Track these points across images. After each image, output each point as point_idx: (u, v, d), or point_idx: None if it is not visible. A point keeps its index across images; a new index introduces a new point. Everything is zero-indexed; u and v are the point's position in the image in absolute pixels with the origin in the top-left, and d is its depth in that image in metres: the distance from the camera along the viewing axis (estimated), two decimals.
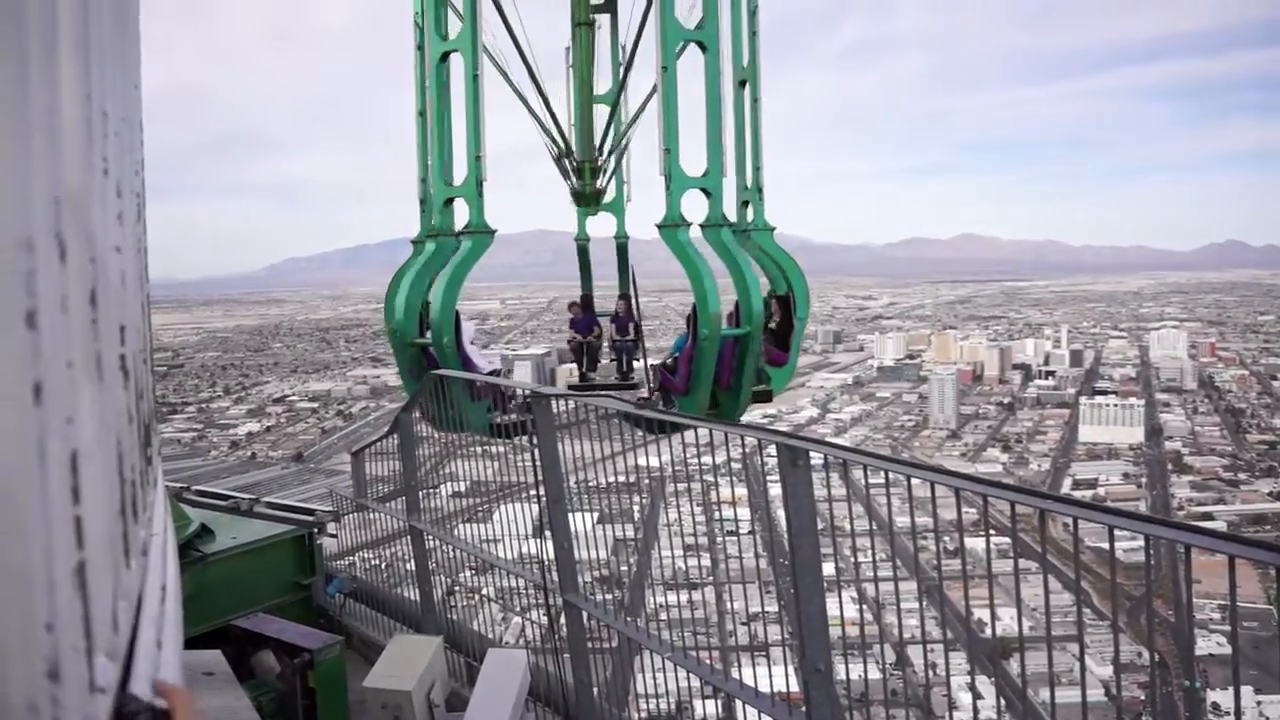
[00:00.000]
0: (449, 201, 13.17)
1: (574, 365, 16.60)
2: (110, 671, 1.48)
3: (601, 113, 15.62)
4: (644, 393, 14.25)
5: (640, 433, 7.80)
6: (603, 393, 14.00)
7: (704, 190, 12.81)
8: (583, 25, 15.09)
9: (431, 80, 13.31)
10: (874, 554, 52.48)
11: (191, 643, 6.51)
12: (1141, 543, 3.39)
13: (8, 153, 1.06)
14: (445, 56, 13.22)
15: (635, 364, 15.93)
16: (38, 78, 1.16)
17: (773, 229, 14.59)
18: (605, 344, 16.16)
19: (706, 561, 53.51)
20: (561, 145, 15.35)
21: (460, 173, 13.06)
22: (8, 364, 1.05)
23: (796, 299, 14.56)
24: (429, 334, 12.96)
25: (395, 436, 9.89)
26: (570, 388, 15.43)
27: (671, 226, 12.60)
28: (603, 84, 15.89)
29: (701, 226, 12.91)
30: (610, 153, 15.65)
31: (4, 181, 1.06)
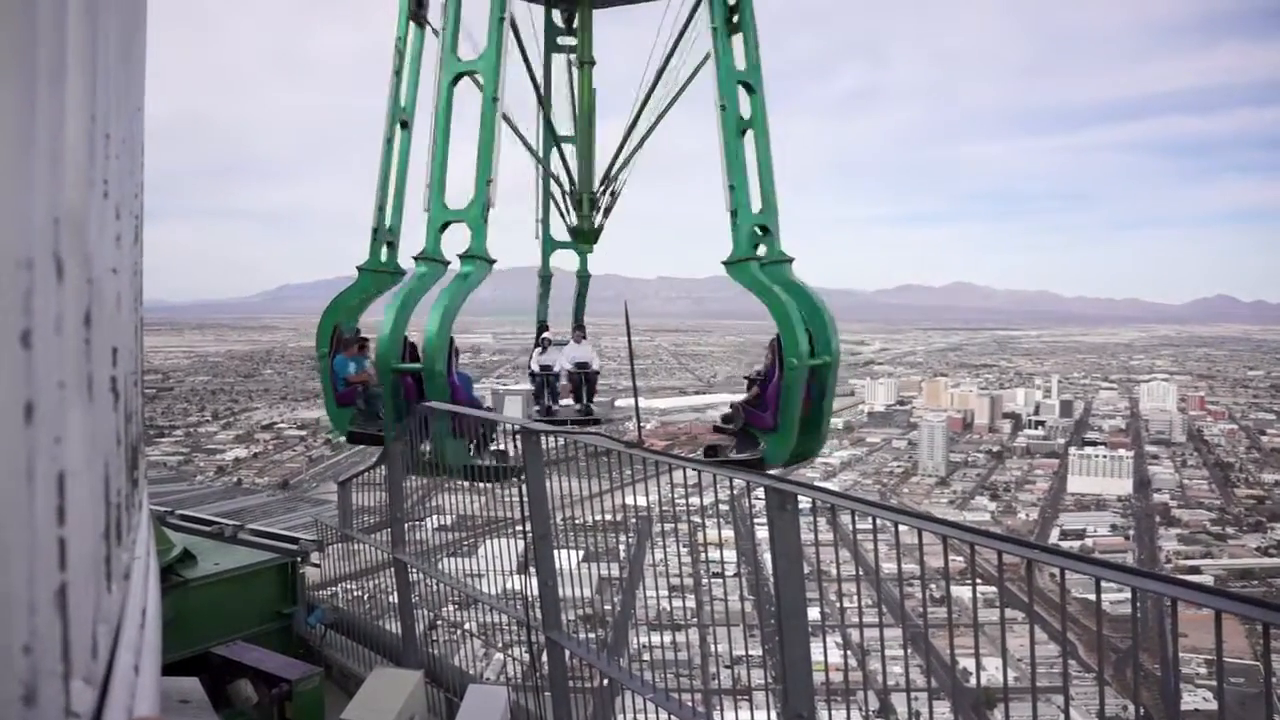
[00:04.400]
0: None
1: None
2: (87, 697, 1.46)
3: (603, 152, 15.81)
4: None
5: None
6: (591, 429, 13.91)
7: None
8: (585, 65, 15.28)
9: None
10: (860, 600, 52.11)
11: (169, 669, 6.43)
12: (1128, 595, 3.38)
13: (11, 172, 1.06)
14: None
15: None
16: (44, 100, 1.17)
17: (791, 260, 14.49)
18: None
19: (691, 603, 53.14)
20: (564, 182, 15.50)
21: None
22: (0, 383, 1.05)
23: (787, 344, 14.38)
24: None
25: (383, 467, 9.85)
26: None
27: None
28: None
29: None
30: (608, 189, 15.78)
31: (6, 201, 1.06)
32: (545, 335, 16.89)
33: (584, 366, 16.00)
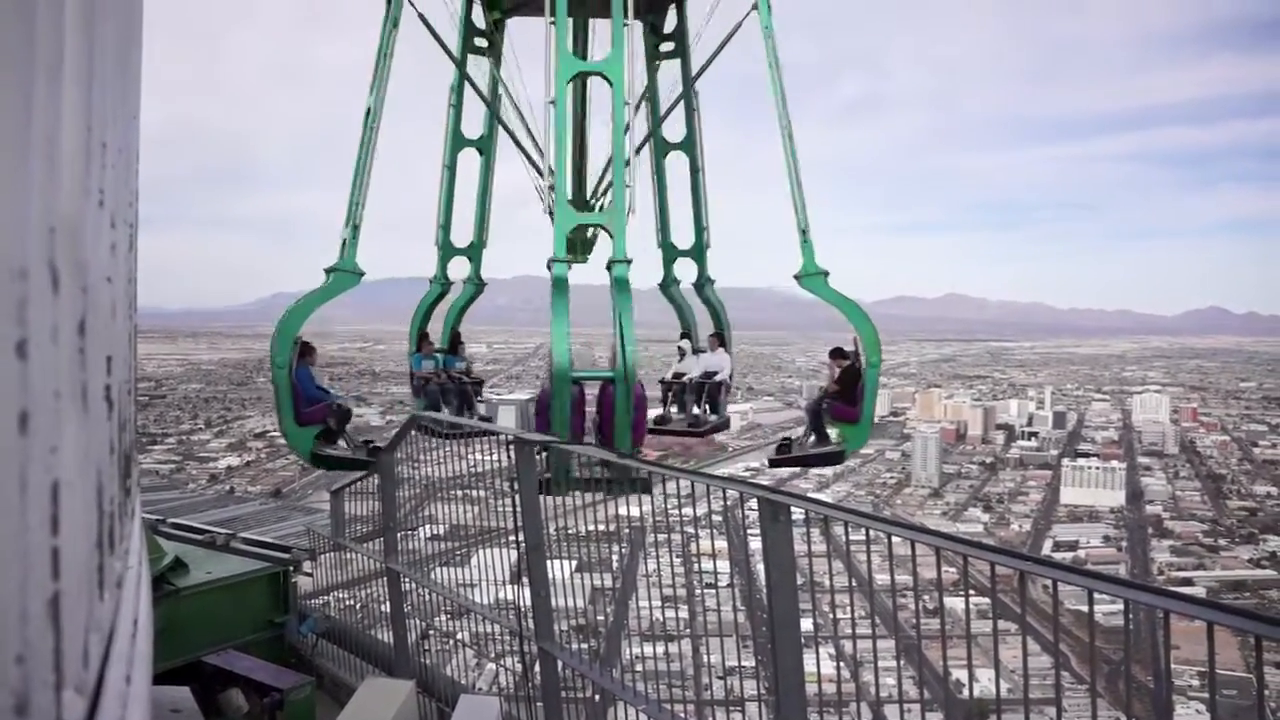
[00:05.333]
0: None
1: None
2: (77, 707, 1.46)
3: (594, 163, 15.83)
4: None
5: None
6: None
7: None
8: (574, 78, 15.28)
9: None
10: (853, 611, 52.18)
11: (160, 678, 6.41)
12: (1121, 607, 3.38)
13: (7, 180, 1.06)
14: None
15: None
16: (41, 107, 1.17)
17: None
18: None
19: (684, 613, 53.04)
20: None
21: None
22: None
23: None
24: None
25: (375, 477, 9.84)
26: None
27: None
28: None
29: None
30: (599, 204, 15.78)
31: (1, 209, 1.06)
32: (681, 344, 16.89)
33: (709, 376, 15.83)
